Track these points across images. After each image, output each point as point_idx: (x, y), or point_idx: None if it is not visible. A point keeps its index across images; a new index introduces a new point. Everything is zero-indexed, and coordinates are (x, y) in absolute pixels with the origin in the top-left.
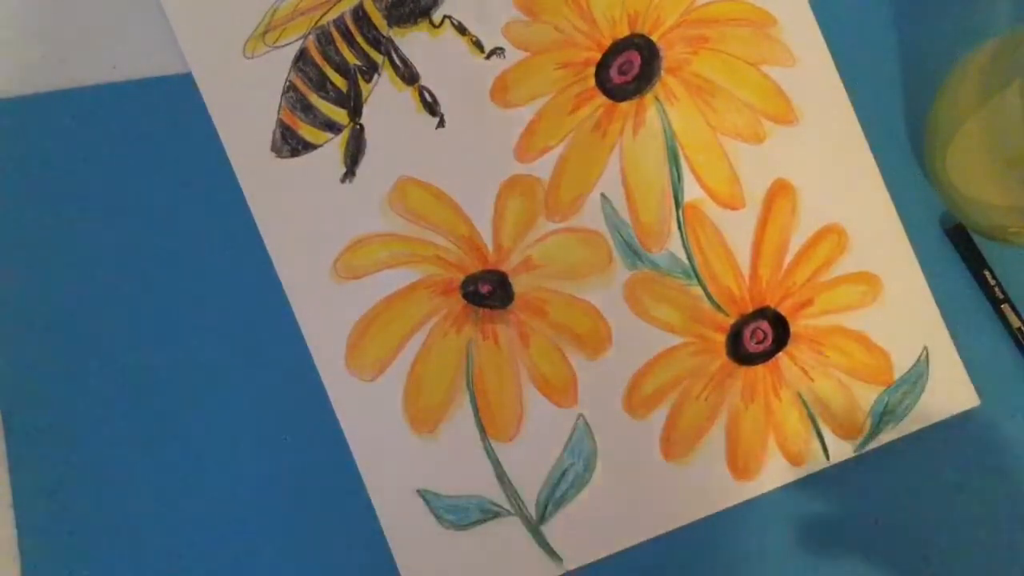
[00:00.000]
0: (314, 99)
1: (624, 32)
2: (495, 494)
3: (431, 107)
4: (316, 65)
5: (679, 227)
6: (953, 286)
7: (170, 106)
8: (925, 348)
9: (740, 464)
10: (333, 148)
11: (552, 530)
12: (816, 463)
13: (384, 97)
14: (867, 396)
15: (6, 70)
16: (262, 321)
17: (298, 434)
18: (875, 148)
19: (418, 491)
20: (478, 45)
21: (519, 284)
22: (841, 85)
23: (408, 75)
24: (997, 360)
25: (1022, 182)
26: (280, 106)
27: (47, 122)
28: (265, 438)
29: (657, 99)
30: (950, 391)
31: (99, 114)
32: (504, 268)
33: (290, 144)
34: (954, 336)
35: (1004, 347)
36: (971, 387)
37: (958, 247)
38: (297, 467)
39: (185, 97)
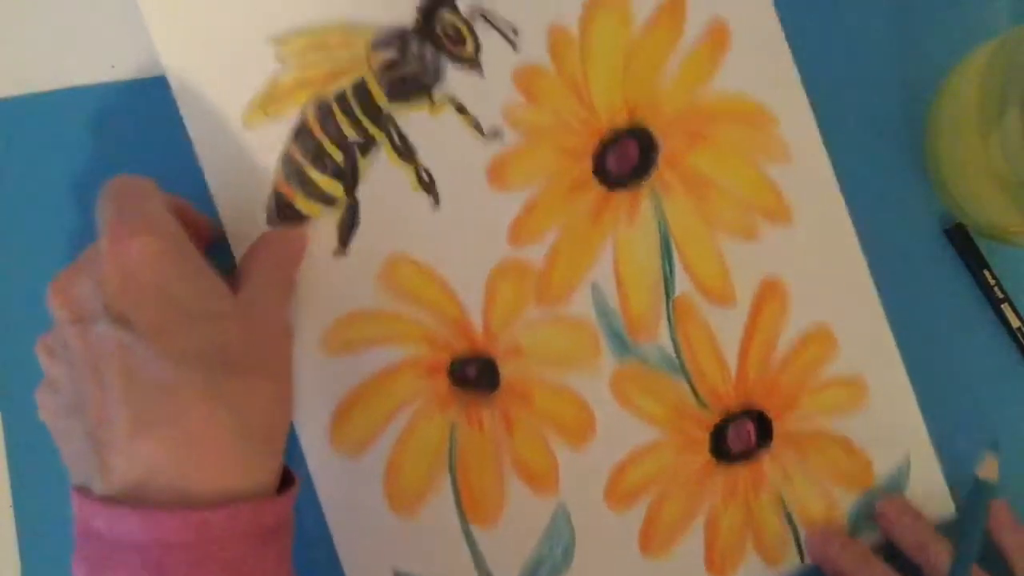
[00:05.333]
0: (311, 171)
1: (623, 122)
2: None
3: (427, 185)
4: (314, 137)
5: (668, 320)
6: (953, 286)
7: (170, 106)
8: (907, 455)
9: (717, 562)
10: (327, 221)
11: None
12: (792, 564)
13: (381, 173)
14: (846, 499)
15: (6, 70)
16: None
17: None
18: (875, 148)
19: (395, 571)
20: (477, 126)
21: (506, 369)
22: (836, 183)
23: (406, 152)
24: (997, 360)
25: (1022, 182)
26: (276, 177)
27: (47, 122)
28: None
29: (653, 190)
30: (928, 498)
31: (99, 114)
32: (492, 352)
33: (284, 215)
34: (955, 336)
35: (1004, 347)
36: (948, 495)
37: (958, 247)
38: None
39: None
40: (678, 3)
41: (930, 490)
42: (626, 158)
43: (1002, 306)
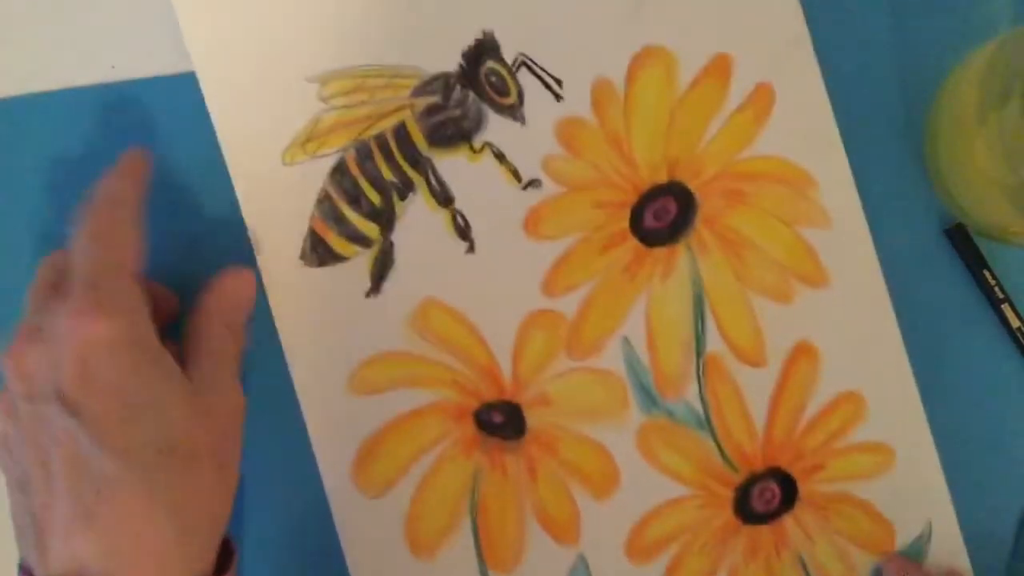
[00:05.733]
0: (347, 211)
1: (663, 178)
2: None
3: (463, 231)
4: (352, 178)
5: (698, 378)
6: (953, 286)
7: (170, 106)
8: (929, 523)
9: None
10: (361, 262)
11: None
12: None
13: (417, 216)
14: (866, 563)
15: (6, 70)
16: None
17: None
18: (875, 148)
19: None
20: (516, 175)
21: (533, 418)
22: (874, 251)
23: (443, 197)
24: (997, 360)
25: (1022, 183)
26: (313, 215)
27: (47, 122)
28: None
29: (689, 248)
30: (948, 567)
31: (99, 114)
32: (519, 400)
33: (319, 253)
34: (955, 336)
35: (1004, 347)
36: (968, 566)
37: (958, 247)
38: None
39: (185, 97)
40: (724, 63)
41: (950, 558)
42: (664, 215)
43: (1002, 306)
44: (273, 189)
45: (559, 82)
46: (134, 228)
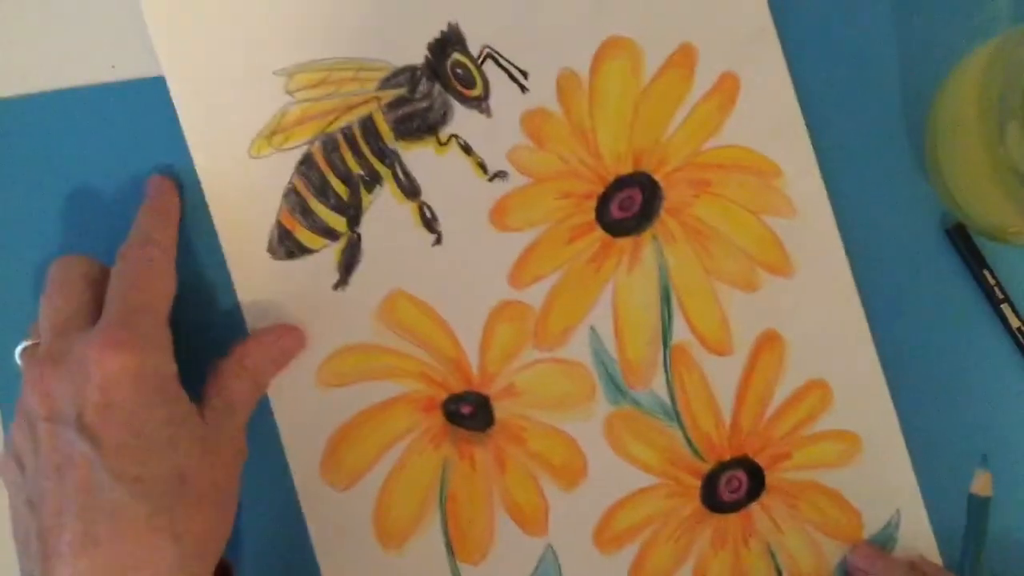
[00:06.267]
0: (314, 204)
1: (628, 168)
2: None
3: (430, 223)
4: (319, 171)
5: (665, 367)
6: (953, 286)
7: (171, 107)
8: (898, 511)
9: None
10: (329, 254)
11: None
12: None
13: (384, 209)
14: (835, 553)
15: (6, 70)
16: None
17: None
18: (876, 148)
19: None
20: (482, 166)
21: (500, 409)
22: (839, 240)
23: (410, 189)
24: (997, 360)
25: (1022, 183)
26: (280, 208)
27: (47, 122)
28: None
29: (655, 238)
30: (918, 554)
31: (99, 114)
32: (487, 391)
33: (286, 246)
34: (954, 337)
35: (1004, 347)
36: (937, 554)
37: (958, 247)
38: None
39: None
40: (689, 53)
41: (919, 547)
42: (630, 205)
43: (1002, 306)
44: (240, 182)
45: (525, 74)
46: (167, 269)
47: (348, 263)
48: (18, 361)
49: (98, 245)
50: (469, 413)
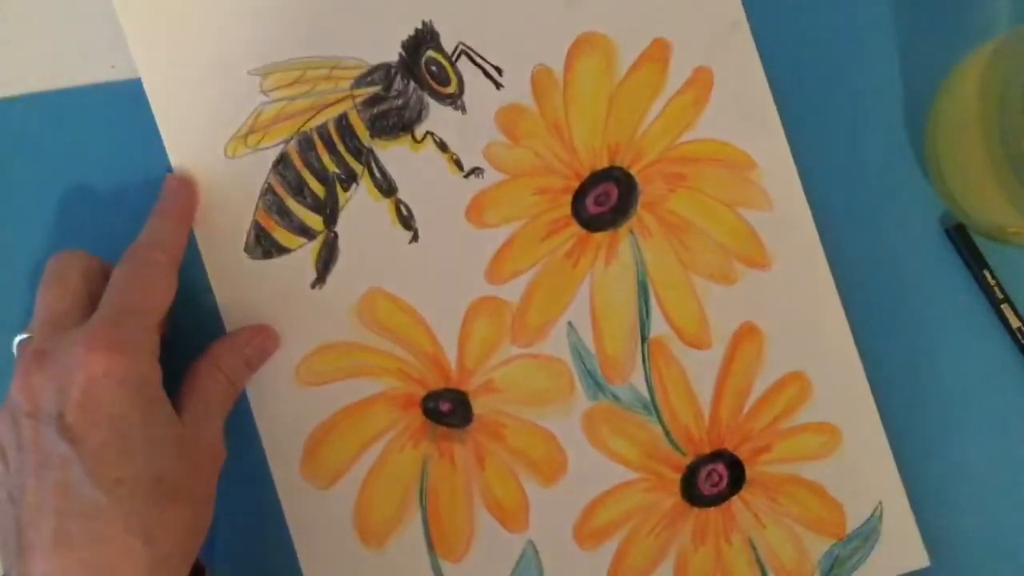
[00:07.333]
0: (291, 203)
1: (604, 163)
2: None
3: (406, 221)
4: (296, 170)
5: (643, 362)
6: (953, 286)
7: None
8: (880, 504)
9: None
10: (306, 253)
11: None
12: None
13: (360, 207)
14: (817, 547)
15: (6, 70)
16: None
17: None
18: (875, 148)
19: None
20: (458, 163)
21: (479, 405)
22: (815, 232)
23: (386, 187)
24: (997, 360)
25: (1022, 183)
26: (257, 208)
27: (47, 122)
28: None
29: (631, 232)
30: (901, 549)
31: (99, 114)
32: (466, 388)
33: (263, 246)
34: (954, 337)
35: (1004, 347)
36: (922, 547)
37: (958, 247)
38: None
39: None
40: (663, 48)
41: (903, 540)
42: (606, 200)
43: (1002, 306)
44: (216, 183)
45: (499, 70)
46: (168, 275)
47: (325, 262)
48: (15, 353)
49: (98, 244)
50: (448, 410)
